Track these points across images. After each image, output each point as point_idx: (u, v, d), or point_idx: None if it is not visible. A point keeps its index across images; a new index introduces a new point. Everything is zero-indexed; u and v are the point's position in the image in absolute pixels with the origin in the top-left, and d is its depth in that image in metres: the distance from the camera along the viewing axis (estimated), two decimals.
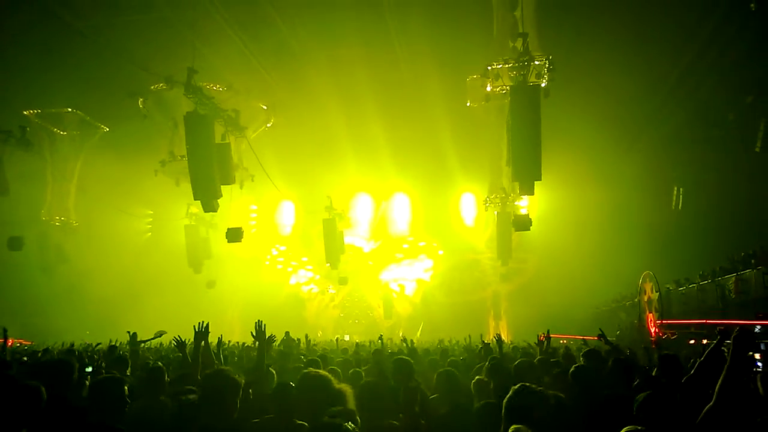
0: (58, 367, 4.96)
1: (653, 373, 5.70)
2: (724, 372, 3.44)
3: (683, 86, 23.69)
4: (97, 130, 28.57)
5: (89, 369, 7.21)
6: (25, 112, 25.93)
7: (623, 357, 6.52)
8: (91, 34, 20.97)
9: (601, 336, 7.18)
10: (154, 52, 22.09)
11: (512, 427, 3.20)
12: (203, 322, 5.23)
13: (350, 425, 2.94)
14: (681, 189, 26.17)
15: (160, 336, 11.64)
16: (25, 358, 10.49)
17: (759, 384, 4.04)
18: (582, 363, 5.64)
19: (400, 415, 4.37)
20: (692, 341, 16.56)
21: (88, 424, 3.72)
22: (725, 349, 5.18)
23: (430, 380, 6.17)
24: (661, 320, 19.91)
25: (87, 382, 5.22)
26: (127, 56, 20.96)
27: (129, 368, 7.28)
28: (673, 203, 26.44)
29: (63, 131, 27.87)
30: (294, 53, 24.25)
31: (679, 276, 21.55)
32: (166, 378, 5.48)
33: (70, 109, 26.99)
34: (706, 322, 16.47)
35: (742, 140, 20.75)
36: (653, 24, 21.01)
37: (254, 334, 5.39)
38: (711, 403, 3.41)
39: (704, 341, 15.09)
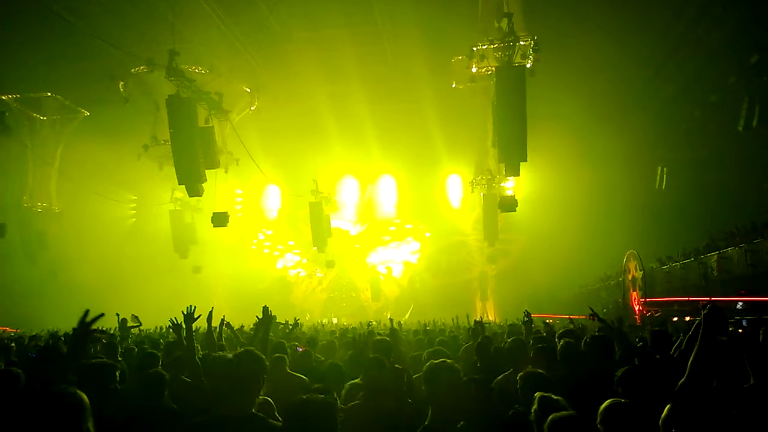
0: (47, 353, 4.94)
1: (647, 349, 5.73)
2: (695, 348, 3.51)
3: (667, 67, 23.82)
4: (78, 114, 28.16)
5: None
6: (3, 97, 25.44)
7: (613, 334, 6.59)
8: (69, 17, 20.52)
9: (593, 315, 7.16)
10: (135, 34, 21.72)
11: (537, 393, 3.23)
12: (192, 306, 5.19)
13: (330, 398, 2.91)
14: (665, 168, 26.37)
15: (139, 324, 11.52)
16: (13, 345, 10.41)
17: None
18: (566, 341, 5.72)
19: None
20: (675, 318, 16.82)
21: None
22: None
23: (417, 361, 6.23)
24: (645, 298, 20.19)
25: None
26: (106, 38, 20.54)
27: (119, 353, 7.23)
28: (657, 182, 26.66)
29: (43, 116, 27.42)
30: (277, 35, 23.95)
31: (662, 254, 21.81)
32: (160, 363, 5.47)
33: (49, 94, 26.53)
34: (689, 300, 16.70)
35: (725, 120, 20.90)
36: (638, 4, 21.01)
37: (260, 318, 5.42)
38: (683, 379, 3.49)
39: (687, 318, 15.33)
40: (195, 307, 5.21)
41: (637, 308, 20.78)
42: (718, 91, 21.91)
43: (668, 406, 2.97)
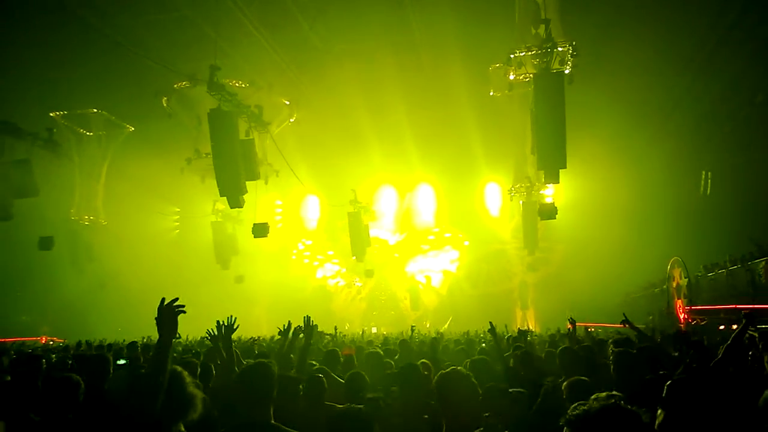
0: (95, 361, 5.11)
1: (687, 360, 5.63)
2: (732, 336, 3.69)
3: (710, 68, 23.20)
4: (123, 129, 28.93)
5: (122, 361, 7.39)
6: (51, 114, 26.27)
7: (651, 344, 6.45)
8: (114, 35, 21.23)
9: (626, 322, 6.92)
10: (177, 51, 22.33)
11: (566, 381, 3.21)
12: (232, 316, 5.29)
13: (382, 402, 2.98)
14: (709, 173, 25.62)
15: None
16: (53, 356, 10.73)
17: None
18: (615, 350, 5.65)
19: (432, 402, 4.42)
20: (722, 327, 16.30)
21: (125, 416, 3.82)
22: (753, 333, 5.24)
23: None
24: (691, 306, 19.64)
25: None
26: (150, 55, 21.18)
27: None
28: (702, 188, 25.93)
29: (89, 132, 28.22)
30: (315, 47, 24.29)
31: (707, 261, 21.17)
32: (197, 372, 5.58)
33: (95, 110, 27.31)
34: (736, 308, 16.15)
35: None
36: (678, 4, 20.57)
37: (301, 327, 5.50)
38: (717, 359, 3.64)
39: (734, 327, 14.83)
40: (235, 317, 5.30)
41: (682, 316, 20.23)
42: (763, 92, 21.24)
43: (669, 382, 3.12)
